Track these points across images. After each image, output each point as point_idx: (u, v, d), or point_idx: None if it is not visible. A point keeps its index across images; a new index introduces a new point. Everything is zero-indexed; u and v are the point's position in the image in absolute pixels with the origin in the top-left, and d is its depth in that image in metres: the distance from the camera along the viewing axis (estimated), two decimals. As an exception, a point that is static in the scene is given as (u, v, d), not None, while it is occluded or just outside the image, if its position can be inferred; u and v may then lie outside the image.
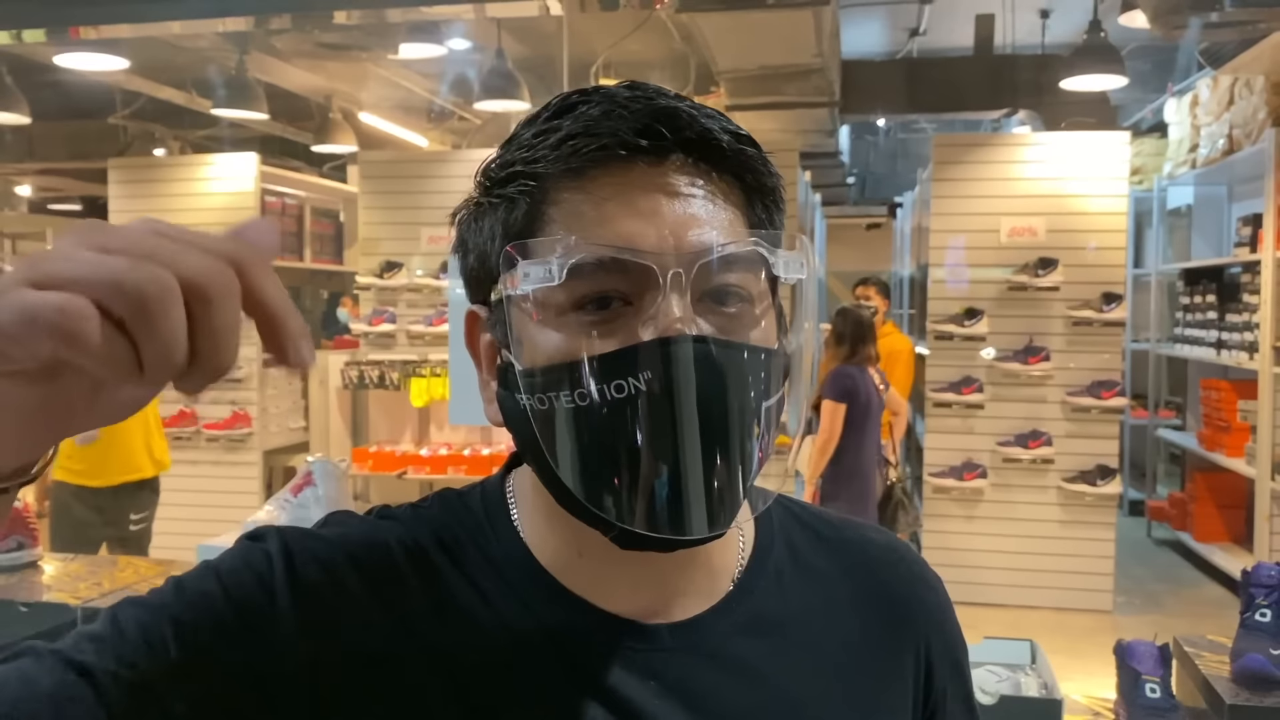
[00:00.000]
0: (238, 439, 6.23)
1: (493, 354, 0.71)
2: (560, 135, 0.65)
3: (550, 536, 0.72)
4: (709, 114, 0.67)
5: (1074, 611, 5.43)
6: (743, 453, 0.63)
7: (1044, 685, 1.98)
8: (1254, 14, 3.96)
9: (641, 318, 0.63)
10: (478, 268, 0.70)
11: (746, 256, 0.65)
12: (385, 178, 6.17)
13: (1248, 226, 5.64)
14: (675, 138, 0.65)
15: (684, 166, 0.66)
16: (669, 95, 0.67)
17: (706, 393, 0.61)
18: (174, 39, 5.69)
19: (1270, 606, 1.93)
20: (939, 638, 0.81)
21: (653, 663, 0.70)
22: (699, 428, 0.61)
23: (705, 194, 0.66)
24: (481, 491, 0.77)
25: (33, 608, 2.48)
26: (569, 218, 0.65)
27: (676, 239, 0.64)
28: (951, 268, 5.70)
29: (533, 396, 0.64)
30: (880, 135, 11.78)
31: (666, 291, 0.62)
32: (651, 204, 0.64)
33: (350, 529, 0.75)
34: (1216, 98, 6.08)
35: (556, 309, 0.64)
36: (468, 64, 6.46)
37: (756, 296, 0.67)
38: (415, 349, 5.88)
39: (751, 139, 0.69)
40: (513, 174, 0.67)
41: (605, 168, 0.65)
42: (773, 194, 0.70)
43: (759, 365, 0.65)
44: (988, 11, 6.64)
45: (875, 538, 0.84)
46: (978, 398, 5.60)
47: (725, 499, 0.63)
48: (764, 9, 4.90)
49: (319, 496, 2.43)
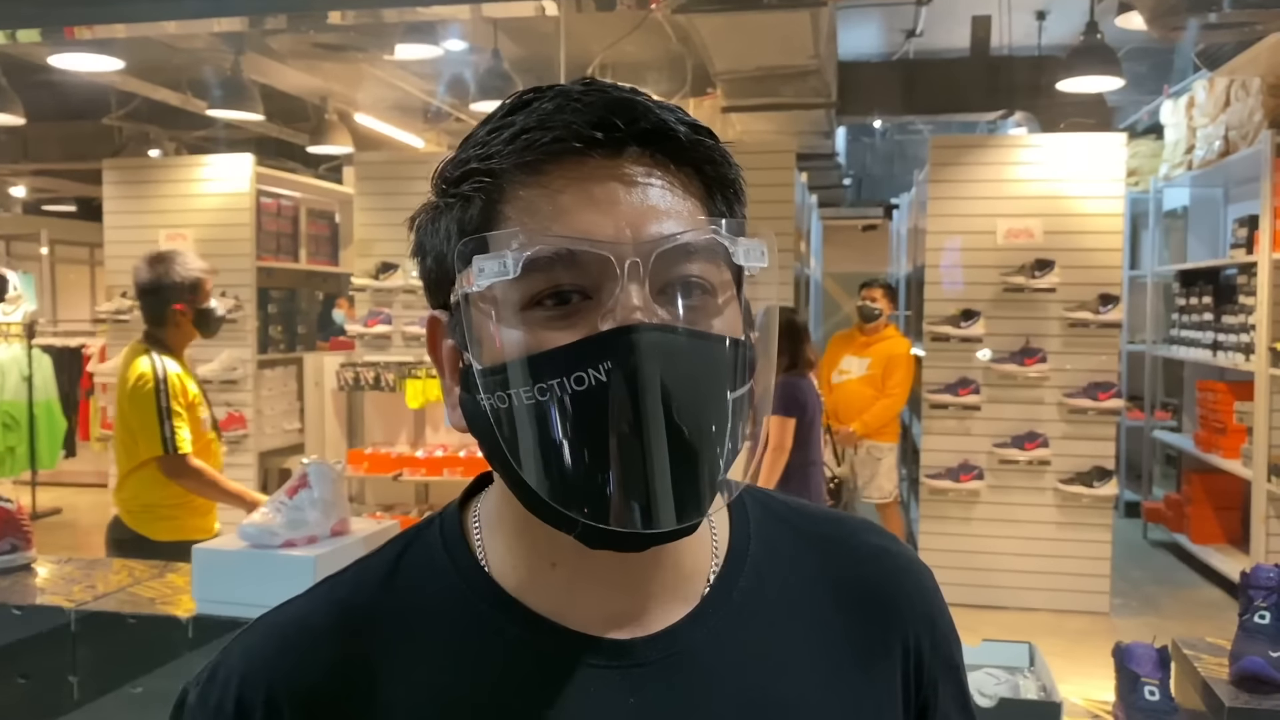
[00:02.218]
0: (233, 440, 6.21)
1: (455, 359, 0.70)
2: (514, 130, 0.64)
3: (519, 552, 0.70)
4: (666, 106, 0.66)
5: (1070, 613, 5.43)
6: (709, 442, 0.62)
7: (1043, 688, 1.98)
8: (1251, 15, 3.97)
9: (601, 311, 0.62)
10: (435, 269, 0.69)
11: (706, 245, 0.64)
12: (381, 179, 6.15)
13: (1244, 228, 5.65)
14: (630, 129, 0.64)
15: (640, 158, 0.65)
16: (625, 90, 0.66)
17: (668, 381, 0.60)
18: (169, 39, 5.68)
19: (1269, 608, 1.92)
20: (928, 630, 0.78)
21: (631, 680, 0.68)
22: (662, 418, 0.60)
23: (663, 184, 0.65)
24: (440, 524, 0.75)
25: (26, 611, 2.47)
26: (524, 213, 0.64)
27: (634, 229, 0.63)
28: (948, 269, 5.70)
29: (493, 395, 0.63)
30: (877, 137, 11.79)
31: (624, 282, 0.61)
32: (608, 195, 0.63)
33: (253, 652, 0.72)
34: (1213, 99, 6.09)
35: (514, 305, 0.63)
36: (464, 65, 6.45)
37: (719, 287, 0.66)
38: (411, 350, 5.87)
39: (709, 130, 0.68)
40: (467, 172, 0.66)
41: (560, 161, 0.64)
42: (733, 185, 0.69)
43: (722, 354, 0.64)
44: (984, 13, 6.65)
45: (857, 529, 0.82)
46: (974, 399, 5.60)
47: (693, 490, 0.62)
48: (761, 10, 4.90)
49: (314, 498, 2.41)
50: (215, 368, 6.20)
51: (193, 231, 6.30)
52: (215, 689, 0.70)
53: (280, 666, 0.69)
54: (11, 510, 2.77)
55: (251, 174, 6.26)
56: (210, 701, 0.70)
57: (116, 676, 2.39)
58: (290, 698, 0.68)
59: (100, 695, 2.40)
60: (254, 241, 6.28)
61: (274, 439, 6.50)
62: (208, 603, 2.37)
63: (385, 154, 7.56)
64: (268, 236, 6.57)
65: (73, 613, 2.43)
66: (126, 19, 4.05)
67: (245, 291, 6.25)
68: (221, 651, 0.73)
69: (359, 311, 6.09)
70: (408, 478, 5.75)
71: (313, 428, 6.33)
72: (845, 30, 6.80)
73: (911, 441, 6.91)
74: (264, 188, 6.53)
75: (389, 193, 6.09)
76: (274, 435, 6.51)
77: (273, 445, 6.49)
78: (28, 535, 2.80)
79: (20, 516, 2.80)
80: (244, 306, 6.22)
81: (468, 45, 6.01)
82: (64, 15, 4.06)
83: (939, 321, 5.67)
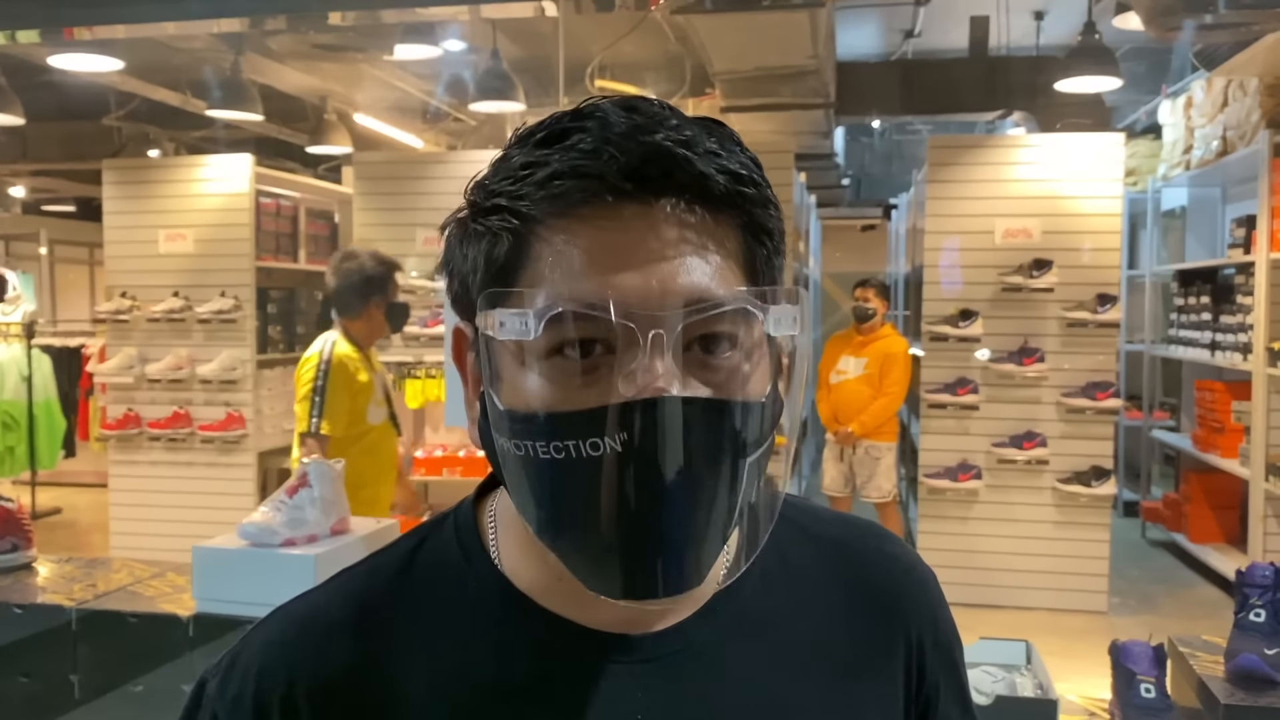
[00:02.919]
0: (232, 440, 6.22)
1: (478, 375, 0.69)
2: (547, 173, 0.62)
3: (530, 559, 0.71)
4: (710, 150, 0.63)
5: (1068, 612, 5.44)
6: (720, 514, 0.62)
7: (1039, 686, 1.99)
8: (1248, 16, 3.97)
9: (623, 371, 0.60)
10: (461, 292, 0.69)
11: (735, 312, 0.63)
12: (380, 179, 6.16)
13: (1241, 228, 5.66)
14: (668, 181, 0.62)
15: (676, 209, 0.62)
16: (668, 124, 0.63)
17: (684, 455, 0.59)
18: (169, 40, 5.68)
19: (1265, 607, 1.93)
20: (930, 631, 0.80)
21: (640, 674, 0.69)
22: (675, 491, 0.60)
23: (697, 241, 0.62)
24: (455, 521, 0.76)
25: (27, 610, 2.48)
26: (550, 264, 0.62)
27: (663, 290, 0.61)
28: (946, 269, 5.71)
29: (510, 441, 0.63)
30: (875, 137, 11.79)
31: (648, 350, 0.60)
32: (638, 252, 0.61)
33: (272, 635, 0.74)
34: (1211, 100, 6.10)
35: (535, 353, 0.62)
36: (463, 65, 6.45)
37: (750, 344, 0.64)
38: (410, 350, 5.87)
39: (753, 178, 0.65)
40: (497, 206, 0.64)
41: (591, 207, 0.62)
42: (772, 235, 0.67)
43: (744, 420, 0.63)
44: (982, 13, 6.65)
45: (865, 532, 0.83)
46: (973, 399, 5.60)
47: (697, 562, 0.62)
48: (759, 10, 4.90)
49: (315, 498, 2.42)
50: (214, 368, 6.20)
51: (192, 231, 6.31)
52: (234, 680, 0.71)
53: (298, 658, 0.71)
54: (12, 509, 2.78)
55: (251, 174, 6.27)
56: (229, 693, 0.71)
57: (117, 675, 2.40)
58: (307, 689, 0.69)
59: (101, 694, 2.41)
60: (253, 241, 6.28)
61: (273, 439, 6.50)
62: (208, 601, 2.38)
63: (384, 154, 7.56)
64: (267, 236, 6.58)
65: (74, 611, 2.44)
66: (126, 20, 4.06)
67: (244, 291, 6.25)
68: (240, 642, 0.74)
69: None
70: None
71: (312, 427, 6.32)
72: (844, 30, 6.80)
73: (910, 441, 6.91)
74: (263, 188, 6.53)
75: (388, 193, 6.10)
76: (273, 435, 6.51)
77: (272, 445, 6.49)
78: (28, 534, 2.81)
79: (21, 515, 2.81)
80: (243, 306, 6.23)
81: (467, 45, 6.02)
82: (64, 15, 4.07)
83: (937, 321, 5.68)
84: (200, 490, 6.21)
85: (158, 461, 6.32)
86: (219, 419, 6.21)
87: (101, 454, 7.01)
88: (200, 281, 6.28)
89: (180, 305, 6.24)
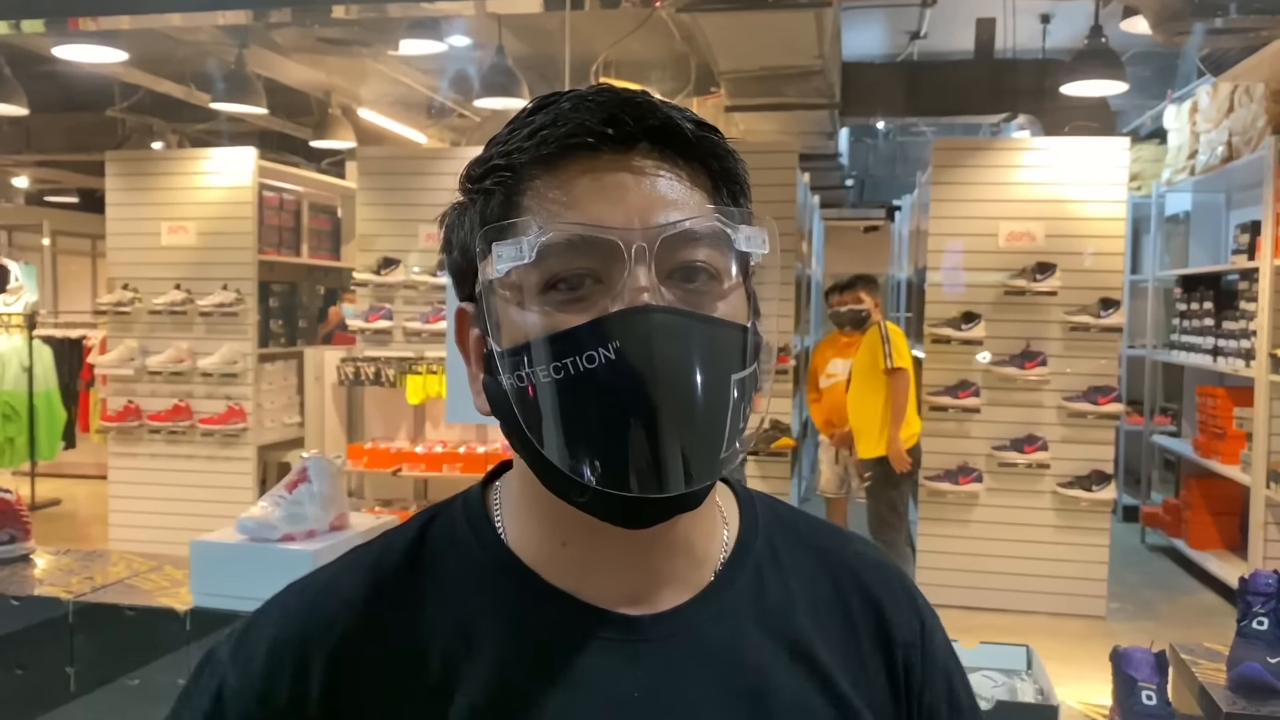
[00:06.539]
0: (232, 434, 6.22)
1: (480, 347, 0.74)
2: (532, 127, 0.69)
3: (535, 531, 0.75)
4: (673, 106, 0.71)
5: (1067, 617, 5.43)
6: (709, 417, 0.66)
7: (1040, 691, 1.98)
8: (1256, 21, 3.96)
9: (611, 294, 0.66)
10: (461, 261, 0.74)
11: (710, 231, 0.69)
12: (384, 174, 6.15)
13: (1246, 234, 5.65)
14: (639, 125, 0.69)
15: (649, 153, 0.70)
16: (636, 93, 0.71)
17: (671, 359, 0.65)
18: (173, 32, 5.68)
19: (1267, 614, 1.92)
20: (917, 645, 0.82)
21: (638, 652, 0.72)
22: (665, 392, 0.64)
23: (670, 177, 0.70)
24: (464, 502, 0.80)
25: (24, 601, 2.47)
26: (540, 203, 0.69)
27: (642, 217, 0.67)
28: (949, 272, 5.69)
29: (512, 375, 0.68)
30: (879, 138, 11.77)
31: (632, 266, 0.66)
32: (618, 186, 0.68)
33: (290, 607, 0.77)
34: (1216, 105, 6.08)
35: (531, 290, 0.68)
36: (468, 61, 6.46)
37: (723, 272, 0.70)
38: (411, 346, 5.87)
39: (715, 128, 0.72)
40: (490, 168, 0.71)
41: (574, 156, 0.69)
42: (738, 180, 0.74)
43: (723, 336, 0.68)
44: (989, 15, 6.65)
45: (856, 543, 0.87)
46: (974, 402, 5.59)
47: (697, 457, 0.65)
48: (765, 10, 4.90)
49: (314, 493, 2.42)
50: (215, 361, 6.20)
51: (195, 224, 6.30)
52: (247, 645, 0.75)
53: (311, 621, 0.74)
54: (10, 501, 2.78)
55: (254, 168, 6.26)
56: (240, 656, 0.74)
57: (114, 668, 2.39)
58: (320, 656, 0.72)
59: (98, 687, 2.41)
60: (255, 235, 6.28)
61: (273, 433, 6.50)
62: (205, 595, 2.38)
63: (388, 149, 7.55)
64: (269, 230, 6.57)
65: (71, 604, 2.43)
66: (131, 11, 4.05)
67: (246, 285, 6.25)
68: (255, 612, 0.77)
69: (360, 306, 6.09)
70: (407, 473, 5.76)
71: (312, 422, 6.33)
72: (849, 31, 6.79)
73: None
74: (266, 181, 6.52)
75: (391, 188, 6.09)
76: (274, 429, 6.51)
77: (272, 439, 6.49)
78: (26, 526, 2.81)
79: (19, 507, 2.80)
80: (245, 300, 6.23)
81: (472, 41, 6.01)
82: (68, 6, 4.06)
83: (940, 324, 5.67)
84: (200, 484, 6.21)
85: (158, 454, 6.31)
86: (219, 412, 6.21)
87: (101, 446, 7.00)
88: (202, 274, 6.27)
89: (182, 298, 6.24)
